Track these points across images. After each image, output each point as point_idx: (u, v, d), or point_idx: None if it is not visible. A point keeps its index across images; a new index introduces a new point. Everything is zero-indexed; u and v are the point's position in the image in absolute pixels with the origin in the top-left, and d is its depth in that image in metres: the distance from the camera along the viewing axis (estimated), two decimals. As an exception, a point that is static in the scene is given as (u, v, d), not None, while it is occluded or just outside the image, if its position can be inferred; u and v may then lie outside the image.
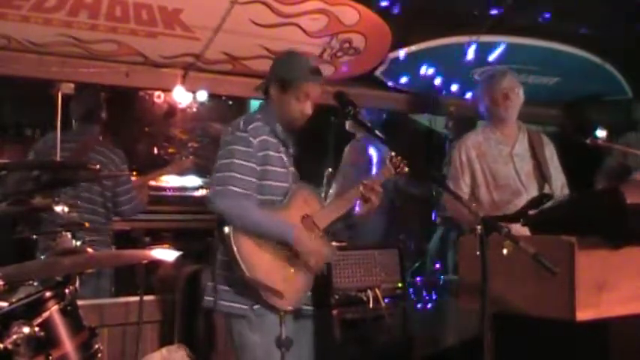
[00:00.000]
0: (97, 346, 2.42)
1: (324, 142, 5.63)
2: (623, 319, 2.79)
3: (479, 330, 2.27)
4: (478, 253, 2.25)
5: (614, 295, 2.79)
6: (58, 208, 3.09)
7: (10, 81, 4.69)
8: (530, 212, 3.11)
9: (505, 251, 2.31)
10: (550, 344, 2.82)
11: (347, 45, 4.77)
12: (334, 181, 5.06)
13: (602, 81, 5.90)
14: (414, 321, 4.05)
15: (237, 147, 2.85)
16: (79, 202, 4.05)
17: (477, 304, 2.27)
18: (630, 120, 5.90)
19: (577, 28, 5.21)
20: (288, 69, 2.99)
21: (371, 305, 3.58)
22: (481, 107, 3.95)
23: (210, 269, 2.98)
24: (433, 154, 5.95)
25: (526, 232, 3.14)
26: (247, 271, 2.73)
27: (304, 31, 4.52)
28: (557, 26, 5.12)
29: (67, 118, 4.33)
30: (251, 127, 2.90)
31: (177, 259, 3.31)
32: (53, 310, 2.27)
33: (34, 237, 3.90)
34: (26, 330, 2.15)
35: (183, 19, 4.24)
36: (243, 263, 2.74)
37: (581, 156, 4.46)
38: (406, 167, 3.13)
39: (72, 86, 4.13)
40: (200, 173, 5.50)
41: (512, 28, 5.13)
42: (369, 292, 3.61)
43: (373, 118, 5.17)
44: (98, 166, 4.11)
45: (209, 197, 2.88)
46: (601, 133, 5.92)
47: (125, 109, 5.87)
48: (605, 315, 2.75)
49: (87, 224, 3.43)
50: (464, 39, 5.07)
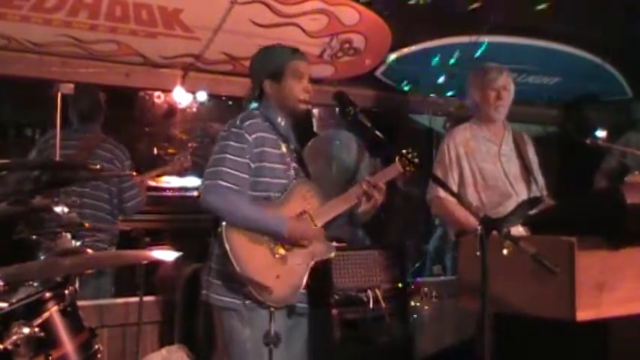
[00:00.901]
0: (96, 347, 2.42)
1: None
2: (623, 319, 2.79)
3: (479, 330, 2.27)
4: (478, 253, 2.25)
5: (614, 295, 2.79)
6: (58, 208, 3.09)
7: (10, 81, 4.69)
8: (530, 213, 3.12)
9: (505, 251, 2.31)
10: (550, 344, 2.83)
11: (347, 45, 4.77)
12: None
13: (602, 81, 5.90)
14: (414, 321, 4.05)
15: (231, 142, 2.86)
16: (85, 200, 4.11)
17: (477, 304, 2.27)
18: (630, 120, 5.91)
19: (577, 28, 5.21)
20: (271, 60, 3.00)
21: (371, 305, 3.58)
22: (469, 101, 3.84)
23: (207, 263, 2.99)
24: (433, 154, 5.95)
25: (525, 232, 3.14)
26: (238, 267, 2.74)
27: (304, 31, 4.52)
28: (557, 26, 5.12)
29: (68, 118, 4.33)
30: (247, 123, 2.89)
31: (177, 259, 3.30)
32: (53, 310, 2.27)
33: (34, 237, 3.90)
34: (26, 330, 2.15)
35: (183, 19, 4.25)
36: (234, 259, 2.75)
37: (581, 156, 4.47)
38: (415, 167, 3.08)
39: (72, 86, 4.12)
40: (200, 174, 5.49)
41: (512, 28, 5.13)
42: (369, 292, 3.60)
43: None
44: (104, 164, 4.19)
45: (199, 192, 2.89)
46: (601, 133, 5.93)
47: (125, 109, 5.87)
48: (605, 315, 2.75)
49: (87, 224, 3.44)
50: (464, 39, 5.07)
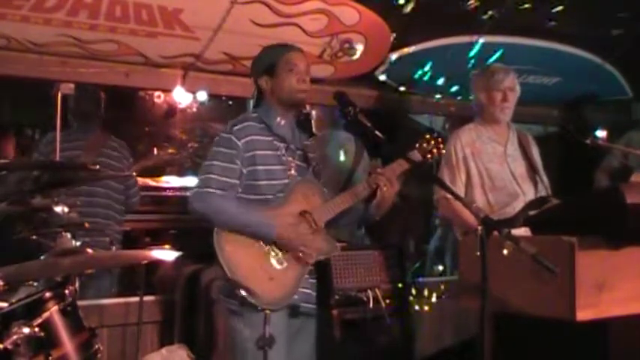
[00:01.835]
0: (97, 346, 2.42)
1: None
2: (623, 319, 2.79)
3: (479, 330, 2.27)
4: (478, 253, 2.25)
5: (614, 295, 2.79)
6: (58, 208, 3.09)
7: (10, 81, 4.69)
8: (530, 214, 3.12)
9: (505, 251, 2.31)
10: (550, 344, 2.83)
11: (347, 45, 4.77)
12: None
13: (602, 81, 5.90)
14: (414, 321, 4.05)
15: (220, 149, 2.89)
16: (97, 199, 4.19)
17: (477, 303, 2.27)
18: (630, 120, 5.91)
19: (577, 28, 5.21)
20: (264, 58, 3.04)
21: (371, 305, 3.58)
22: (474, 102, 3.83)
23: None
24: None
25: (526, 232, 3.14)
26: (229, 271, 2.76)
27: (304, 31, 4.52)
28: (557, 26, 5.12)
29: (67, 118, 4.34)
30: (237, 127, 2.91)
31: (177, 259, 3.31)
32: (53, 310, 2.28)
33: (34, 237, 3.91)
34: (26, 330, 2.16)
35: (183, 19, 4.25)
36: (224, 264, 2.76)
37: (581, 156, 4.47)
38: (434, 154, 3.06)
39: (72, 86, 4.14)
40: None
41: (512, 28, 5.13)
42: (369, 292, 3.60)
43: None
44: (113, 162, 4.22)
45: (189, 198, 2.92)
46: (601, 133, 5.93)
47: (125, 109, 5.87)
48: (605, 315, 2.75)
49: (87, 224, 3.45)
50: (464, 39, 5.07)
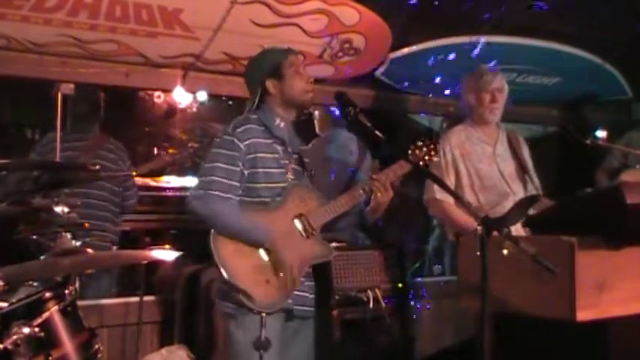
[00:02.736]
0: (96, 347, 2.42)
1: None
2: (623, 319, 2.79)
3: (478, 330, 2.27)
4: (478, 253, 2.25)
5: (614, 295, 2.79)
6: (58, 209, 3.09)
7: (10, 81, 4.69)
8: (530, 214, 3.12)
9: (505, 251, 2.31)
10: (550, 344, 2.83)
11: (347, 45, 4.77)
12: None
13: (602, 81, 5.90)
14: (414, 321, 4.05)
15: (222, 150, 2.87)
16: (91, 200, 4.15)
17: (477, 303, 2.27)
18: (630, 120, 5.91)
19: (577, 28, 5.21)
20: (267, 61, 3.00)
21: (371, 305, 3.58)
22: (463, 103, 3.86)
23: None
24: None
25: (525, 232, 3.14)
26: (226, 274, 2.75)
27: (304, 31, 4.52)
28: (557, 26, 5.12)
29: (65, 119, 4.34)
30: (240, 129, 2.89)
31: (177, 259, 3.31)
32: (53, 310, 2.28)
33: (34, 237, 3.91)
34: (26, 330, 2.16)
35: (183, 19, 4.25)
36: (221, 266, 2.75)
37: (581, 156, 4.47)
38: (431, 158, 3.04)
39: (72, 86, 4.14)
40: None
41: (512, 28, 5.13)
42: (369, 292, 3.60)
43: None
44: (109, 164, 4.21)
45: (187, 198, 2.91)
46: (601, 134, 5.93)
47: (125, 109, 5.87)
48: (605, 315, 2.75)
49: (87, 224, 3.45)
50: (464, 39, 5.07)
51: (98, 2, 4.00)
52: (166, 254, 3.02)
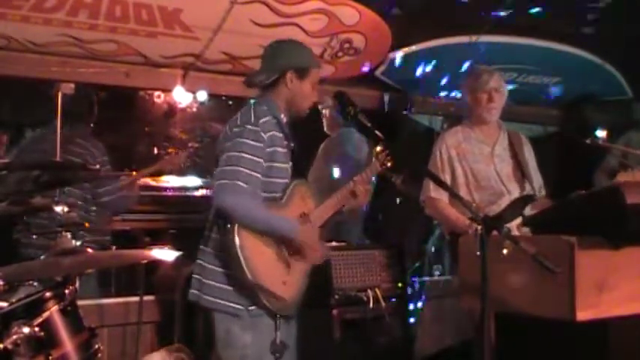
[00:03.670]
0: (96, 346, 2.42)
1: (322, 138, 5.62)
2: (623, 319, 2.79)
3: (479, 330, 2.27)
4: (478, 253, 2.25)
5: (614, 295, 2.79)
6: (58, 208, 3.09)
7: (10, 81, 4.69)
8: (530, 213, 3.12)
9: (505, 251, 2.31)
10: (550, 344, 2.82)
11: (347, 45, 4.77)
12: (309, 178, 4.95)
13: (602, 81, 5.91)
14: (414, 321, 4.05)
15: (248, 141, 2.76)
16: (73, 200, 4.02)
17: (477, 304, 2.27)
18: (630, 120, 5.91)
19: (577, 28, 5.21)
20: (301, 55, 2.94)
21: (371, 305, 3.58)
22: (463, 104, 3.88)
23: (197, 261, 2.90)
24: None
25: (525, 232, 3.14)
26: (249, 273, 2.66)
27: (304, 31, 4.53)
28: (557, 26, 5.12)
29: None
30: (262, 121, 2.82)
31: (177, 259, 3.30)
32: (53, 310, 2.27)
33: (34, 237, 3.90)
34: (26, 330, 2.15)
35: (183, 19, 4.25)
36: (245, 265, 2.66)
37: (581, 156, 4.47)
38: (389, 162, 3.08)
39: (72, 86, 4.12)
40: (200, 173, 5.50)
41: (512, 28, 5.13)
42: (369, 292, 3.60)
43: None
44: (74, 158, 4.12)
45: (215, 191, 2.77)
46: (601, 133, 5.93)
47: (125, 109, 5.87)
48: (605, 315, 2.75)
49: (87, 224, 3.44)
50: (464, 39, 5.08)
51: (98, 2, 4.01)
52: (166, 254, 3.00)
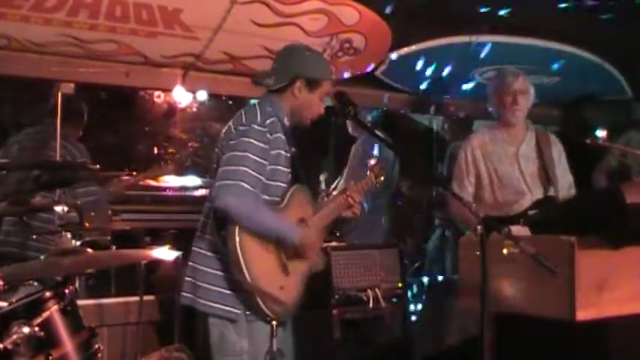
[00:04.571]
0: (97, 346, 2.42)
1: (323, 143, 5.63)
2: (623, 319, 2.80)
3: (479, 330, 2.27)
4: (478, 253, 2.25)
5: (614, 295, 2.79)
6: (58, 208, 3.09)
7: (10, 81, 4.69)
8: (530, 212, 3.13)
9: (505, 251, 2.32)
10: (550, 344, 2.83)
11: (347, 45, 4.77)
12: (344, 178, 4.95)
13: (602, 81, 5.91)
14: (414, 321, 4.06)
15: (253, 141, 2.70)
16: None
17: (477, 304, 2.27)
18: (630, 120, 5.91)
19: (577, 27, 5.21)
20: (317, 67, 2.89)
21: (371, 305, 3.58)
22: (489, 106, 3.94)
23: (190, 263, 2.86)
24: (433, 154, 5.96)
25: (527, 232, 3.14)
26: (249, 277, 2.62)
27: (304, 31, 4.52)
28: (556, 26, 5.12)
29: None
30: (269, 122, 2.76)
31: (177, 259, 3.30)
32: (53, 310, 2.27)
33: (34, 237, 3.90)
34: (26, 330, 2.15)
35: (183, 19, 4.25)
36: (245, 268, 2.62)
37: (581, 156, 4.46)
38: (382, 176, 3.14)
39: (72, 86, 4.12)
40: (200, 173, 5.50)
41: (512, 28, 5.13)
42: (369, 292, 3.61)
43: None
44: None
45: (216, 191, 2.67)
46: (601, 133, 5.93)
47: (125, 109, 5.87)
48: (605, 315, 2.75)
49: (87, 224, 3.43)
50: (464, 39, 5.08)
51: (98, 2, 4.00)
52: (166, 254, 3.00)
